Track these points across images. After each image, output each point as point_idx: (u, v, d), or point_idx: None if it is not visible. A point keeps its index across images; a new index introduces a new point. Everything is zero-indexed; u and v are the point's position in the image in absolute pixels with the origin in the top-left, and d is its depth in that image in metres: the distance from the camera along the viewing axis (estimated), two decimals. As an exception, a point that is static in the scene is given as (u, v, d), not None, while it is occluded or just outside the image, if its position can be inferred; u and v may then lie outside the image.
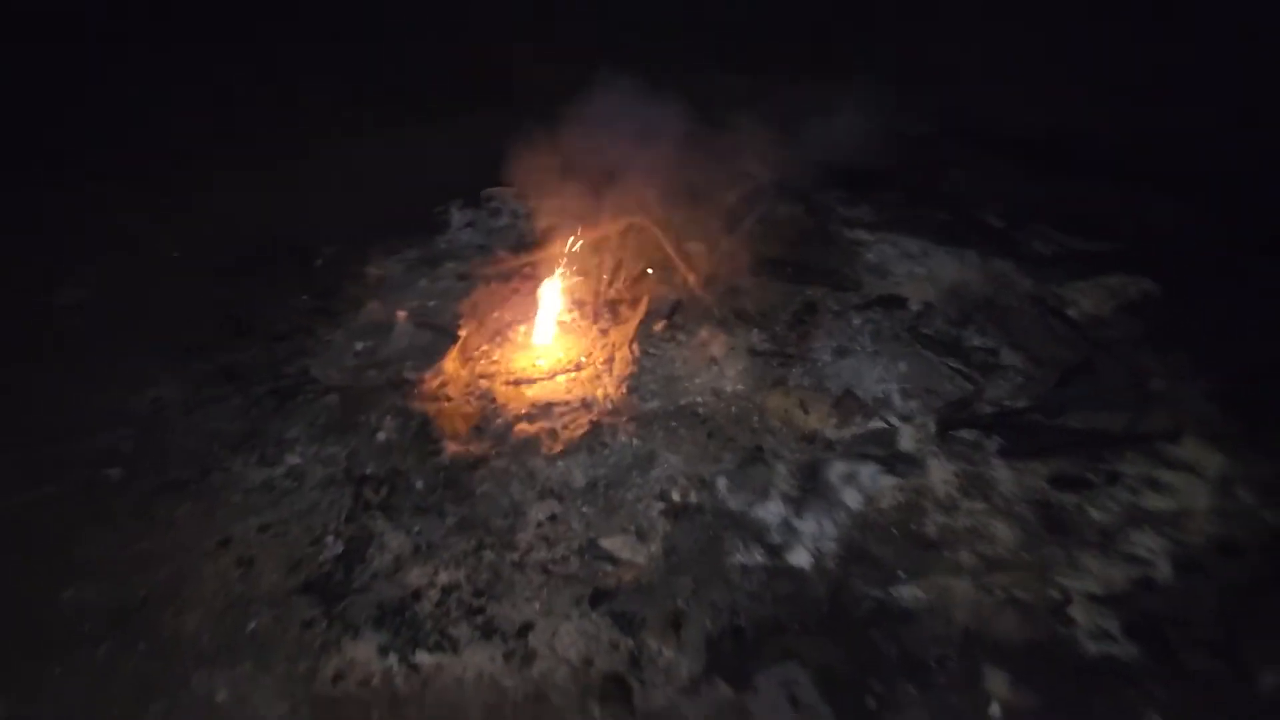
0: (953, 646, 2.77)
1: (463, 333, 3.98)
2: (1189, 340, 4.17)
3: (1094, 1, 9.08)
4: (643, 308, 4.02)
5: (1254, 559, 3.05)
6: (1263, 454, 3.49)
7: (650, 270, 4.27)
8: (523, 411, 3.63)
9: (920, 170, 6.06)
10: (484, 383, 3.78)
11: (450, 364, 3.84)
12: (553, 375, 3.80)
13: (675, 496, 3.18)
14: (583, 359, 3.85)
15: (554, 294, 4.09)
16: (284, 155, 6.11)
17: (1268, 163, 5.75)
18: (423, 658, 2.80)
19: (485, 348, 3.97)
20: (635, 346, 3.83)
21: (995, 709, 2.58)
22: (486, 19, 8.24)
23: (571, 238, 4.11)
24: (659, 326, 3.92)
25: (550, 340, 4.00)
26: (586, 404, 3.63)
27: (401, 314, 4.09)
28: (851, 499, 3.13)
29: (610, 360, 3.80)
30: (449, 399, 3.69)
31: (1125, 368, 3.95)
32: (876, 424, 3.42)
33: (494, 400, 3.70)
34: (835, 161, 5.42)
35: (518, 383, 3.76)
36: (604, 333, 3.99)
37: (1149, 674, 2.67)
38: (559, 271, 4.15)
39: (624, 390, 3.65)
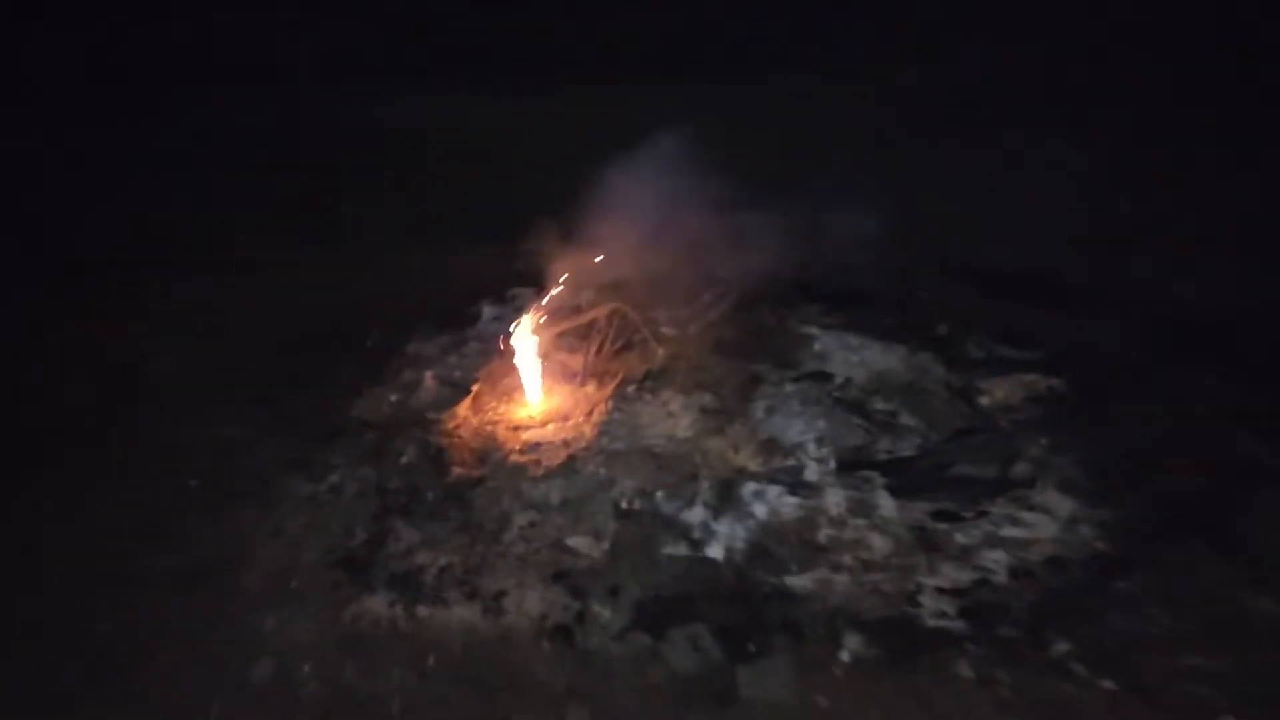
0: (824, 617, 3.62)
1: (475, 390, 5.02)
2: (1075, 424, 5.02)
3: (1077, 162, 10.21)
4: (620, 375, 5.03)
5: (1075, 572, 3.87)
6: (1108, 504, 4.32)
7: (630, 347, 5.30)
8: (517, 448, 4.62)
9: (885, 289, 7.05)
10: (489, 426, 4.80)
11: (464, 411, 4.87)
12: (544, 423, 4.80)
13: (624, 505, 4.12)
14: (568, 412, 4.85)
15: (551, 364, 5.13)
16: (346, 263, 7.35)
17: (1205, 305, 6.61)
18: (421, 610, 3.72)
19: (493, 402, 5.00)
20: (610, 404, 4.82)
21: (845, 655, 3.41)
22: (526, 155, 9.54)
23: (561, 319, 5.17)
24: (631, 389, 4.92)
25: (545, 398, 5.01)
26: (567, 444, 4.60)
27: (429, 374, 5.15)
28: (759, 511, 4.04)
29: (590, 413, 4.79)
30: (460, 436, 4.70)
31: (1011, 437, 4.83)
32: (790, 461, 4.35)
33: (495, 439, 4.70)
34: (809, 275, 6.46)
35: (515, 428, 4.76)
36: (588, 394, 4.99)
37: (968, 639, 3.48)
38: (556, 346, 5.20)
39: (597, 435, 4.62)
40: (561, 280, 5.44)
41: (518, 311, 6.36)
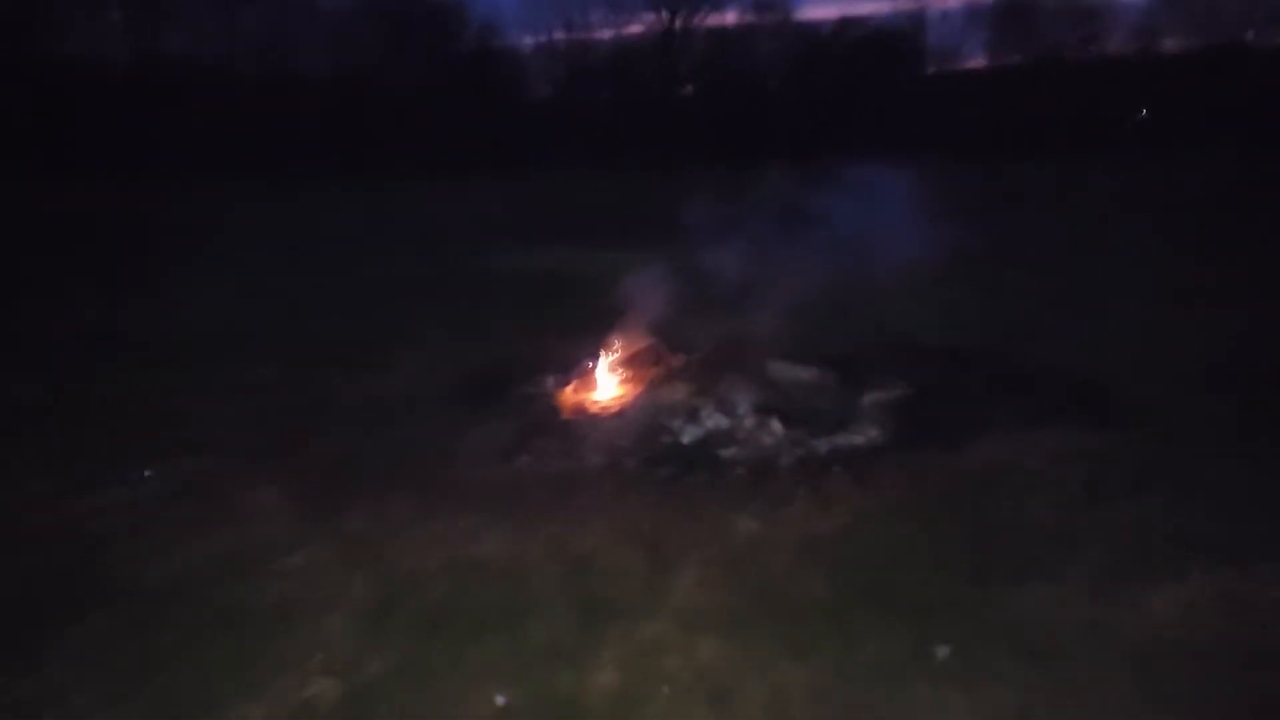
0: (731, 462, 7.74)
1: (573, 384, 9.41)
2: (904, 407, 9.02)
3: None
4: (649, 377, 9.34)
5: (862, 454, 7.90)
6: (898, 433, 8.32)
7: (657, 364, 9.61)
8: (594, 408, 8.95)
9: (835, 354, 11.13)
10: (580, 399, 9.15)
11: (568, 392, 9.26)
12: (609, 399, 9.12)
13: (644, 424, 8.37)
14: (622, 395, 9.17)
15: (614, 373, 9.49)
16: (502, 346, 12.08)
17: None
18: (544, 464, 7.99)
19: (583, 389, 9.36)
20: (643, 390, 9.11)
21: (736, 473, 7.52)
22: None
23: (614, 354, 9.55)
24: (655, 383, 9.21)
25: (609, 388, 9.34)
26: (620, 406, 8.89)
27: (550, 379, 9.60)
28: (709, 424, 8.23)
29: (632, 394, 9.09)
30: (565, 403, 9.07)
31: (864, 409, 8.89)
32: (730, 407, 8.54)
33: (583, 405, 9.03)
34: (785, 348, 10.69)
35: (594, 399, 9.11)
36: (632, 387, 9.29)
37: (792, 470, 7.56)
38: (618, 367, 9.56)
39: (634, 401, 8.91)
40: (615, 347, 9.80)
41: (603, 359, 10.85)
